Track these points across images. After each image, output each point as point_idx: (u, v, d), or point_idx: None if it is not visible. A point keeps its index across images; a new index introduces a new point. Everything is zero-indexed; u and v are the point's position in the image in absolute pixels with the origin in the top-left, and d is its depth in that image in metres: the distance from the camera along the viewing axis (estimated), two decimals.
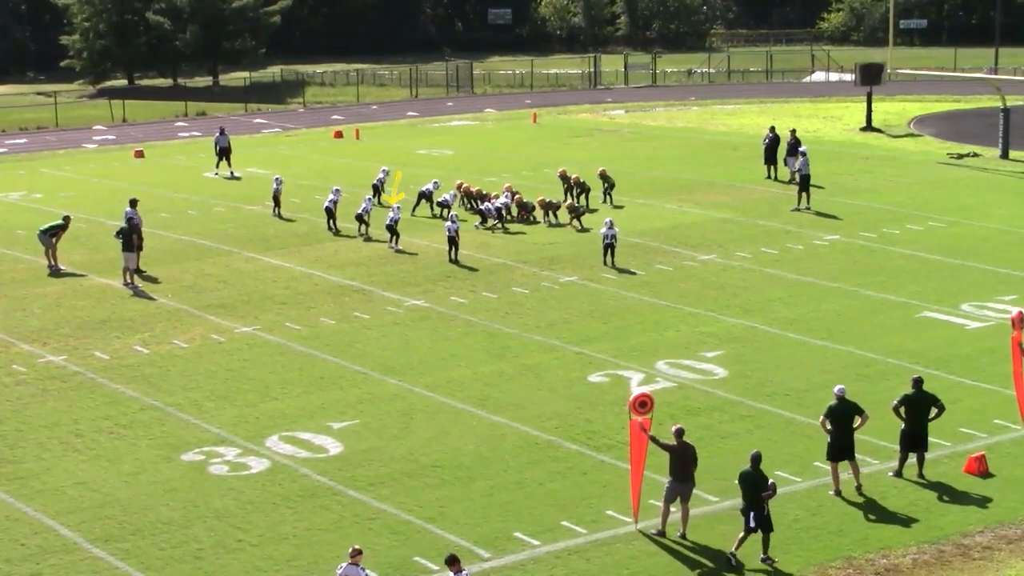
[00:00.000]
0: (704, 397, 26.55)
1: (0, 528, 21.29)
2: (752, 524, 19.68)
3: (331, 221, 41.67)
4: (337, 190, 42.50)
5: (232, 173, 53.63)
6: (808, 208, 43.69)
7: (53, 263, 37.67)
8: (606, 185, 45.00)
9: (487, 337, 30.78)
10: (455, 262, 37.20)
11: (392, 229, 39.10)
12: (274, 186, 44.42)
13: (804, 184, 44.21)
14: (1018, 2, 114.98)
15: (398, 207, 40.12)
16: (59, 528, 21.25)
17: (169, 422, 25.77)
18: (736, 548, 19.80)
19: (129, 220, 37.21)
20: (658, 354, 29.22)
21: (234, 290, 35.27)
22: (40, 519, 21.59)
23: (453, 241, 37.49)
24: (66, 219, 38.48)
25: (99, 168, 57.20)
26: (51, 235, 37.83)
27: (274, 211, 44.22)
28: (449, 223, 37.77)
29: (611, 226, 36.83)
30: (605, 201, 44.55)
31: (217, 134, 54.97)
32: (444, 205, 43.02)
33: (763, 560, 19.71)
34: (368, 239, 40.27)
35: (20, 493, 22.58)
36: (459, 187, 44.60)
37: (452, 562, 17.45)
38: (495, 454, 23.88)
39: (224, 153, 54.13)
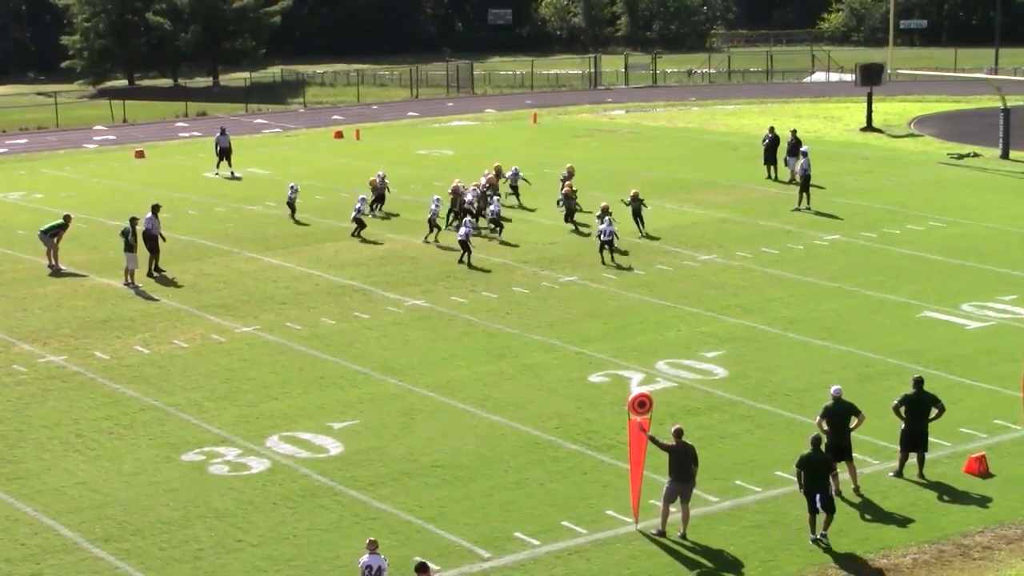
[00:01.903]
0: (704, 397, 26.55)
1: (0, 528, 21.30)
2: (818, 505, 20.04)
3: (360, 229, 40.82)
4: (363, 199, 41.93)
5: (232, 173, 53.60)
6: (808, 208, 43.69)
7: (54, 263, 37.67)
8: (633, 208, 40.38)
9: (487, 337, 30.79)
10: (469, 264, 36.92)
11: (464, 244, 37.35)
12: (289, 193, 43.83)
13: (805, 184, 44.21)
14: (1018, 2, 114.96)
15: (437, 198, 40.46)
16: (59, 528, 21.25)
17: (169, 422, 25.77)
18: (813, 531, 20.29)
19: (132, 220, 36.83)
20: (658, 354, 29.22)
21: (234, 290, 35.27)
22: (40, 519, 21.59)
23: (465, 246, 37.13)
24: (66, 218, 38.49)
25: (99, 168, 57.21)
26: (52, 235, 37.82)
27: (291, 216, 43.44)
28: (464, 228, 37.49)
29: (610, 223, 36.77)
30: (640, 231, 40.27)
31: (218, 134, 54.94)
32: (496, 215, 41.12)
33: (820, 536, 20.16)
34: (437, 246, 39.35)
35: (20, 493, 22.59)
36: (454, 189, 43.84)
37: (422, 570, 17.40)
38: (495, 454, 23.89)
39: (224, 153, 54.07)
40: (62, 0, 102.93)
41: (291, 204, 43.78)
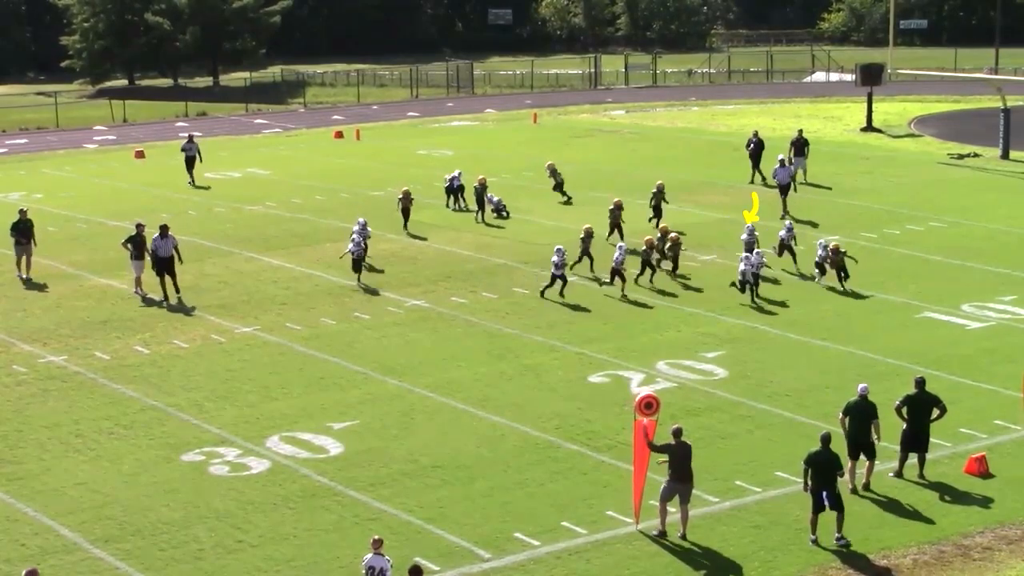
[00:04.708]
0: (704, 397, 26.54)
1: (0, 528, 21.29)
2: (826, 504, 20.09)
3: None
4: (561, 249, 33.93)
5: (192, 182, 51.14)
6: (784, 214, 42.73)
7: (19, 272, 36.73)
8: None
9: (487, 337, 30.78)
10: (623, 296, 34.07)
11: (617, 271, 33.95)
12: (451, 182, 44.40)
13: (784, 191, 43.54)
14: (1018, 2, 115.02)
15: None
16: (59, 528, 21.24)
17: (169, 422, 25.77)
18: (814, 532, 20.27)
19: (138, 226, 36.26)
20: (658, 354, 29.22)
21: (234, 290, 35.26)
22: (40, 519, 21.58)
23: (618, 273, 33.76)
24: (22, 212, 37.38)
25: (99, 168, 57.21)
26: (17, 241, 36.94)
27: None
28: (617, 254, 33.87)
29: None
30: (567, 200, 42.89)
31: (185, 141, 52.48)
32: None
33: (837, 540, 20.12)
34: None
35: (20, 493, 22.58)
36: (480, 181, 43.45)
37: (415, 572, 17.38)
38: (495, 454, 23.88)
39: (190, 162, 51.27)
40: (62, 0, 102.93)
41: (457, 192, 44.33)
